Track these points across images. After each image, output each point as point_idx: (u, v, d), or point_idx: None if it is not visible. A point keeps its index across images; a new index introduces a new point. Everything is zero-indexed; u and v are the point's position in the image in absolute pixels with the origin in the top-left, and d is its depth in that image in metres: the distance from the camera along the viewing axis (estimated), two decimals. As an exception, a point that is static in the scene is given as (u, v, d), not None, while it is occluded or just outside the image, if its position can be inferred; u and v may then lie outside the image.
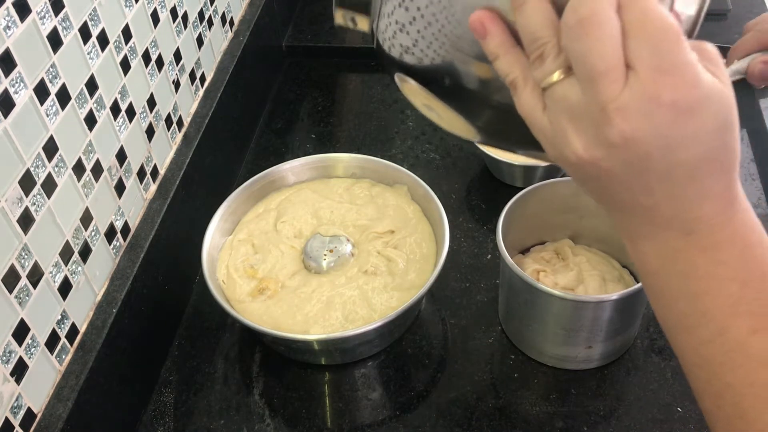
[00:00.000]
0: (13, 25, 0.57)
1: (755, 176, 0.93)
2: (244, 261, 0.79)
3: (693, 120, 0.33)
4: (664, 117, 0.33)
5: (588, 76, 0.33)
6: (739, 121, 0.35)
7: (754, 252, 0.36)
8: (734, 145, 0.35)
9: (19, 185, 0.58)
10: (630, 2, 0.32)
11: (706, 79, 0.33)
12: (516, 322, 0.76)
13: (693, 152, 0.34)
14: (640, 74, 0.32)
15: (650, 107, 0.32)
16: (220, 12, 0.98)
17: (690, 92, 0.32)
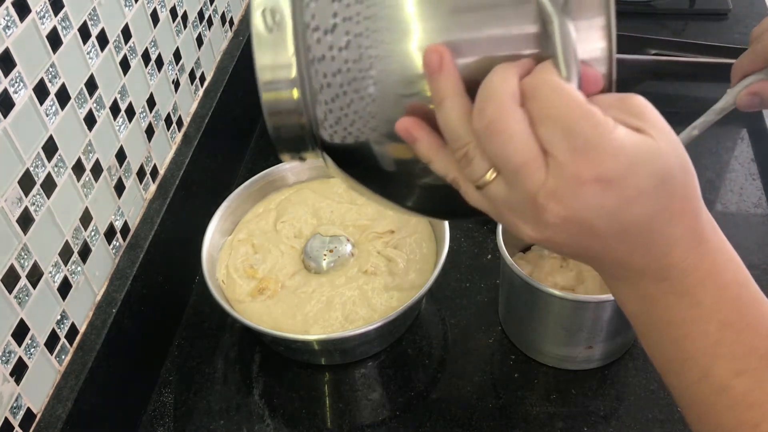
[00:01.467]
0: (13, 25, 0.57)
1: (756, 176, 0.93)
2: (243, 261, 0.79)
3: (624, 188, 0.33)
4: (592, 193, 0.33)
5: (511, 172, 0.34)
6: (686, 161, 0.34)
7: (729, 293, 0.36)
8: (684, 191, 0.34)
9: (18, 185, 0.58)
10: (532, 92, 0.33)
11: (630, 143, 0.32)
12: (516, 323, 0.76)
13: (639, 212, 0.34)
14: (558, 158, 0.33)
15: (575, 188, 0.33)
16: (220, 12, 0.98)
17: (611, 164, 0.32)
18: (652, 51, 1.04)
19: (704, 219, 0.36)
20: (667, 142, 0.33)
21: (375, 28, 0.36)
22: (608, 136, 0.32)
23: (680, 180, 0.34)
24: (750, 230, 0.86)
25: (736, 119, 1.02)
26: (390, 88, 0.37)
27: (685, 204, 0.35)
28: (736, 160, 0.95)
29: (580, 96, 0.33)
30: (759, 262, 0.82)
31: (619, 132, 0.32)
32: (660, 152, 0.33)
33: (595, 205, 0.33)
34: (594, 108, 0.32)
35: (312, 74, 0.38)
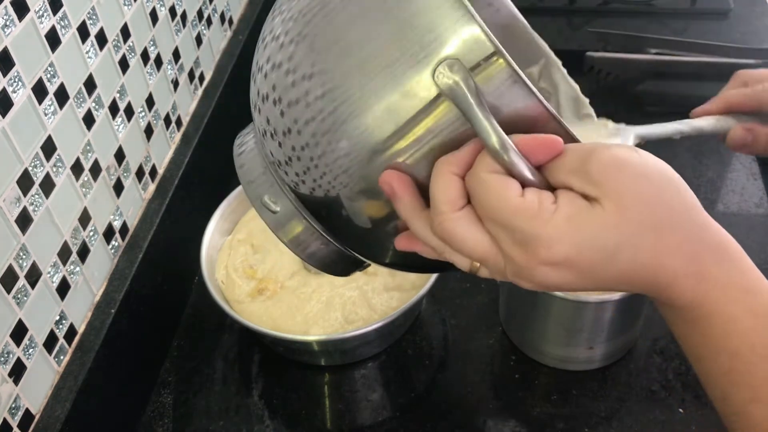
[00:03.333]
0: (11, 24, 0.56)
1: (757, 176, 0.92)
2: (243, 261, 0.79)
3: (573, 267, 0.34)
4: (546, 273, 0.35)
5: (479, 261, 0.37)
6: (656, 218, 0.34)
7: (740, 325, 0.35)
8: (657, 246, 0.34)
9: (17, 185, 0.58)
10: (471, 192, 0.35)
11: (568, 228, 0.33)
12: (517, 323, 0.76)
13: (605, 276, 0.35)
14: (505, 251, 0.35)
15: (531, 271, 0.35)
16: (219, 11, 0.98)
17: (552, 252, 0.34)
18: (653, 50, 1.04)
19: (705, 257, 0.35)
20: (622, 209, 0.33)
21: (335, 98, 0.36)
22: (544, 228, 0.33)
23: (645, 239, 0.34)
24: (751, 230, 0.85)
25: (737, 119, 1.02)
26: (363, 145, 0.36)
27: (664, 254, 0.35)
28: (737, 160, 0.95)
29: (512, 191, 0.34)
30: (760, 261, 0.81)
31: (556, 220, 0.33)
32: (606, 226, 0.33)
33: (557, 279, 0.35)
34: (527, 201, 0.34)
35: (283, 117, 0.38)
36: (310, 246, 0.45)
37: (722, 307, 0.35)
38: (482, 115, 0.33)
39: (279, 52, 0.37)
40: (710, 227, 0.36)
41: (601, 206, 0.33)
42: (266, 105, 0.39)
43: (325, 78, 0.36)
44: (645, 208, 0.34)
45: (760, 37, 1.12)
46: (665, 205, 0.34)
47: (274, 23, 0.39)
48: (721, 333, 0.36)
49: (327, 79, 0.36)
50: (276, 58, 0.38)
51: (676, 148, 0.97)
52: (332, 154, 0.37)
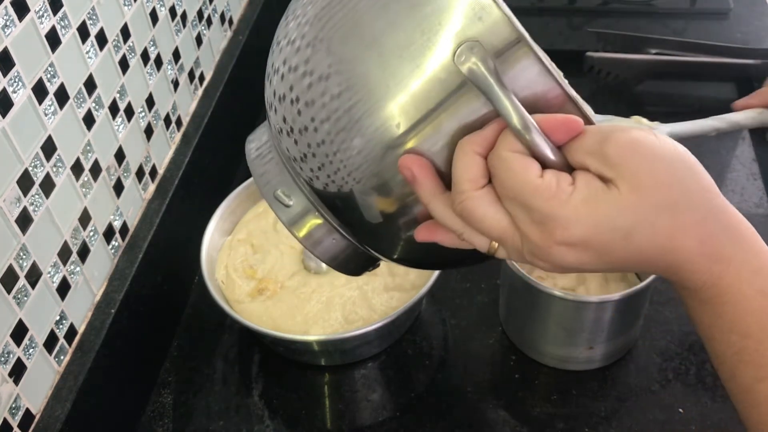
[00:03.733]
0: (12, 24, 0.56)
1: (757, 176, 0.92)
2: (243, 261, 0.79)
3: (589, 248, 0.35)
4: (563, 253, 0.35)
5: (498, 242, 0.38)
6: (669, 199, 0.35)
7: (753, 304, 0.36)
8: (672, 226, 0.35)
9: (17, 185, 0.58)
10: (492, 171, 0.36)
11: (585, 210, 0.34)
12: (517, 323, 0.76)
13: (620, 256, 0.36)
14: (523, 230, 0.36)
15: (547, 250, 0.35)
16: (220, 11, 0.98)
17: (568, 232, 0.35)
18: (653, 50, 1.04)
19: (719, 238, 0.36)
20: (638, 190, 0.34)
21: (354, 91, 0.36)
22: (561, 209, 0.34)
23: (660, 219, 0.35)
24: (751, 230, 0.85)
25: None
26: (378, 140, 0.37)
27: (679, 235, 0.35)
28: (737, 160, 0.95)
29: (532, 171, 0.34)
30: (760, 262, 0.81)
31: (573, 201, 0.34)
32: (621, 207, 0.34)
33: (573, 260, 0.36)
34: (545, 181, 0.34)
35: (300, 115, 0.38)
36: (323, 242, 0.45)
37: (735, 288, 0.36)
38: (504, 95, 0.33)
39: (295, 56, 0.38)
40: (726, 209, 0.36)
41: (617, 188, 0.34)
42: (283, 105, 0.39)
43: (341, 78, 0.36)
44: (660, 189, 0.34)
45: (760, 37, 1.12)
46: (681, 186, 0.35)
47: (288, 28, 0.40)
48: (733, 313, 0.36)
49: (343, 79, 0.36)
50: (292, 61, 0.38)
51: (676, 148, 0.97)
52: (348, 151, 0.37)
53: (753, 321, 0.36)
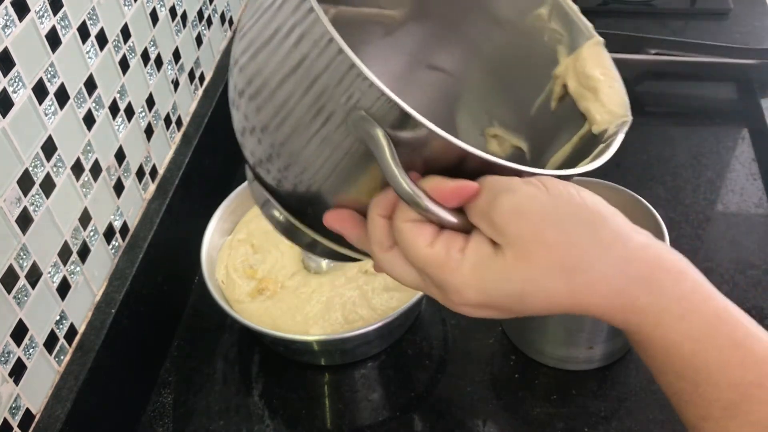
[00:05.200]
0: (12, 25, 0.56)
1: (756, 176, 0.92)
2: (243, 261, 0.79)
3: (490, 309, 0.36)
4: (469, 311, 0.36)
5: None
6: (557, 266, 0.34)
7: (681, 350, 0.35)
8: (567, 292, 0.34)
9: (17, 185, 0.58)
10: (395, 238, 0.36)
11: (472, 277, 0.34)
12: (517, 323, 0.76)
13: (527, 311, 0.36)
14: (430, 291, 0.37)
15: (456, 307, 0.36)
16: (220, 11, 0.98)
17: (463, 297, 0.35)
18: (653, 51, 1.04)
19: (632, 290, 0.35)
20: (524, 257, 0.34)
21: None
22: (452, 277, 0.35)
23: (553, 283, 0.34)
24: (751, 230, 0.85)
25: (737, 119, 1.02)
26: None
27: (579, 295, 0.35)
28: (737, 160, 0.95)
29: (422, 242, 0.35)
30: (759, 262, 0.82)
31: (463, 268, 0.34)
32: (508, 275, 0.34)
33: (485, 315, 0.36)
34: (434, 251, 0.35)
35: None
36: (317, 246, 0.46)
37: (659, 335, 0.35)
38: (392, 167, 0.33)
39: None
40: (635, 259, 0.34)
41: (503, 254, 0.34)
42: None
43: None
44: (550, 254, 0.34)
45: (759, 37, 1.12)
46: (574, 247, 0.34)
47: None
48: (664, 357, 0.36)
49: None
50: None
51: (676, 149, 0.98)
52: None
53: (685, 365, 0.35)
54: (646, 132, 1.00)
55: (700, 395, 0.35)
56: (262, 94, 0.38)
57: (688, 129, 1.01)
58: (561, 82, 0.48)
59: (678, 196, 0.90)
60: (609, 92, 0.46)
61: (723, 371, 0.34)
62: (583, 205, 0.34)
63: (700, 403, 0.35)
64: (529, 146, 0.51)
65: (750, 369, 0.34)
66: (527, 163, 0.50)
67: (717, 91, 1.06)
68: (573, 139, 0.46)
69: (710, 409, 0.35)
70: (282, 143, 0.38)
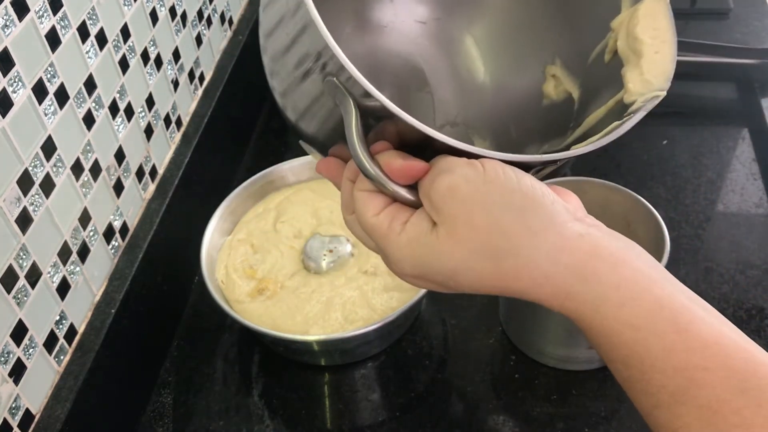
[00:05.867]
0: (12, 24, 0.56)
1: (756, 176, 0.92)
2: (243, 261, 0.79)
3: (428, 281, 0.37)
4: (413, 280, 0.38)
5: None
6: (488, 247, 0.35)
7: (623, 337, 0.35)
8: (498, 273, 0.35)
9: (17, 185, 0.58)
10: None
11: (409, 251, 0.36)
12: (517, 323, 0.76)
13: (465, 287, 0.37)
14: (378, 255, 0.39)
15: (401, 276, 0.38)
16: (219, 11, 0.98)
17: (402, 267, 0.37)
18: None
19: (560, 277, 0.35)
20: (454, 237, 0.35)
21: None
22: (389, 247, 0.37)
23: (482, 265, 0.35)
24: (751, 230, 0.85)
25: (737, 119, 1.02)
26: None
27: (507, 278, 0.35)
28: (737, 160, 0.95)
29: (370, 211, 0.37)
30: (759, 262, 0.82)
31: (399, 241, 0.37)
32: (439, 252, 0.36)
33: (424, 286, 0.38)
34: (378, 220, 0.37)
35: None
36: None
37: (599, 323, 0.35)
38: (354, 137, 0.35)
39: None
40: (568, 248, 0.35)
41: (437, 232, 0.35)
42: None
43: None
44: (477, 236, 0.35)
45: (760, 37, 1.12)
46: (501, 232, 0.34)
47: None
48: (607, 345, 0.35)
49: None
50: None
51: (676, 149, 0.98)
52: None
53: (629, 353, 0.35)
54: (646, 132, 1.00)
55: (648, 382, 0.35)
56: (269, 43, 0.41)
57: (688, 129, 1.01)
58: (614, 36, 0.45)
59: (678, 196, 0.90)
60: (653, 58, 0.43)
61: (667, 357, 0.34)
62: (518, 191, 0.35)
63: (649, 390, 0.35)
64: (580, 96, 0.49)
65: (695, 353, 0.34)
66: (573, 114, 0.48)
67: (717, 91, 1.06)
68: (609, 102, 0.44)
69: (659, 396, 0.35)
70: (282, 93, 0.41)
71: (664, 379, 0.34)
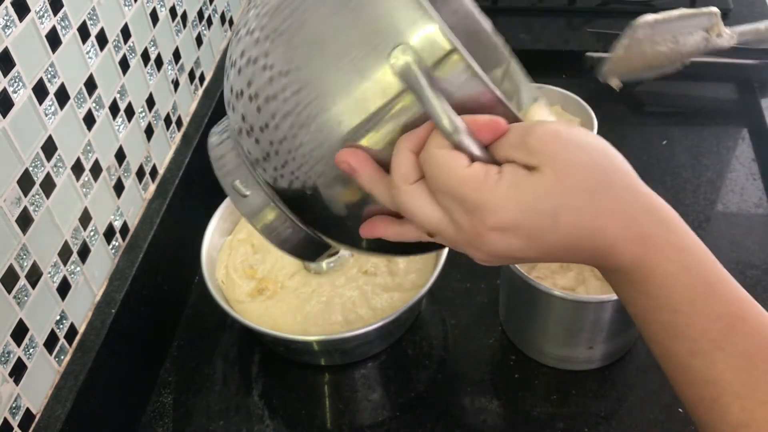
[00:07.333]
0: (12, 25, 0.56)
1: (756, 176, 0.92)
2: (243, 261, 0.79)
3: (520, 230, 0.37)
4: (495, 239, 0.37)
5: (433, 232, 0.39)
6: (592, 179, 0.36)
7: (678, 280, 0.37)
8: (596, 208, 0.37)
9: (17, 185, 0.58)
10: (423, 167, 0.37)
11: (512, 193, 0.36)
12: (517, 323, 0.76)
13: (550, 240, 0.37)
14: (456, 220, 0.38)
15: (479, 238, 0.37)
16: (220, 11, 0.98)
17: (499, 217, 0.36)
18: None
19: (641, 219, 0.37)
20: (559, 174, 0.36)
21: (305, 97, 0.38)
22: (490, 195, 0.36)
23: (583, 201, 0.36)
24: (751, 230, 0.85)
25: (737, 119, 1.02)
26: (337, 135, 0.38)
27: (603, 216, 0.37)
28: (737, 160, 0.95)
29: (460, 163, 0.36)
30: (759, 262, 0.82)
31: (500, 187, 0.36)
32: (545, 190, 0.36)
33: (504, 247, 0.37)
34: (473, 171, 0.36)
35: (260, 112, 0.39)
36: (282, 233, 0.47)
37: (661, 266, 0.37)
38: (433, 97, 0.35)
39: (255, 47, 0.39)
40: (646, 194, 0.38)
41: (540, 173, 0.36)
42: (241, 101, 0.40)
43: (301, 74, 0.38)
44: (581, 173, 0.36)
45: (759, 38, 1.12)
46: (601, 172, 0.37)
47: (248, 17, 0.41)
48: (662, 290, 0.38)
49: (303, 76, 0.38)
50: (251, 52, 0.39)
51: (675, 149, 0.98)
52: (309, 144, 0.38)
53: (681, 297, 0.37)
54: (646, 132, 1.00)
55: (692, 327, 0.37)
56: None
57: (688, 129, 1.01)
58: None
59: (678, 196, 0.90)
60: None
61: (713, 303, 0.37)
62: (605, 144, 0.38)
63: (690, 335, 0.38)
64: None
65: (734, 303, 0.37)
66: None
67: (717, 91, 1.06)
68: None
69: (700, 342, 0.37)
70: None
71: (708, 323, 0.37)
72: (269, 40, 0.38)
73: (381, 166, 0.39)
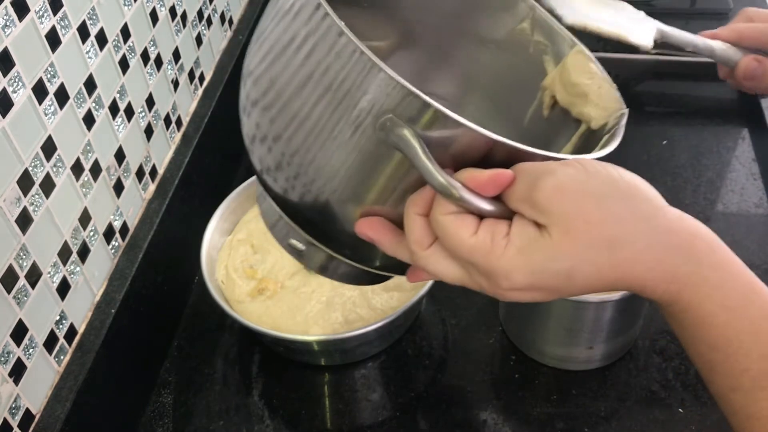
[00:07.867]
0: (12, 24, 0.56)
1: (756, 176, 0.92)
2: (243, 261, 0.79)
3: (537, 290, 0.37)
4: (516, 296, 0.37)
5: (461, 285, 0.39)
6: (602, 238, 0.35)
7: (714, 320, 0.36)
8: (616, 263, 0.36)
9: (17, 185, 0.58)
10: (435, 232, 0.37)
11: (521, 259, 0.35)
12: (517, 323, 0.76)
13: (573, 291, 0.37)
14: (476, 280, 0.38)
15: (503, 293, 0.37)
16: (220, 11, 0.98)
17: (511, 281, 0.36)
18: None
19: (668, 259, 0.36)
20: (569, 234, 0.35)
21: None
22: (498, 262, 0.36)
23: (598, 255, 0.35)
24: (751, 230, 0.85)
25: (737, 119, 1.02)
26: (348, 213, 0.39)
27: (624, 266, 0.36)
28: (737, 160, 0.95)
29: (465, 232, 0.36)
30: (759, 262, 0.82)
31: (509, 253, 0.35)
32: (555, 253, 0.35)
33: (529, 298, 0.37)
34: (479, 239, 0.36)
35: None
36: (338, 269, 0.48)
37: (696, 305, 0.36)
38: (427, 163, 0.34)
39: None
40: (674, 228, 0.36)
41: (549, 234, 0.35)
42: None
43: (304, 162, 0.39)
44: (593, 228, 0.35)
45: (759, 38, 1.12)
46: (615, 221, 0.35)
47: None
48: (698, 327, 0.37)
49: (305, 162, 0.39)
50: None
51: (675, 148, 0.98)
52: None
53: (718, 335, 0.36)
54: (646, 132, 1.00)
55: (731, 365, 0.37)
56: (277, 104, 0.38)
57: (688, 129, 1.01)
58: (550, 93, 0.50)
59: (678, 196, 0.90)
60: (599, 92, 0.47)
61: (755, 341, 0.36)
62: (621, 181, 0.36)
63: (730, 373, 0.37)
64: None
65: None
66: None
67: (717, 91, 1.06)
68: (572, 139, 0.48)
69: (740, 379, 0.36)
70: (293, 153, 0.39)
71: (749, 362, 0.36)
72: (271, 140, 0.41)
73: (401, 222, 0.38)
